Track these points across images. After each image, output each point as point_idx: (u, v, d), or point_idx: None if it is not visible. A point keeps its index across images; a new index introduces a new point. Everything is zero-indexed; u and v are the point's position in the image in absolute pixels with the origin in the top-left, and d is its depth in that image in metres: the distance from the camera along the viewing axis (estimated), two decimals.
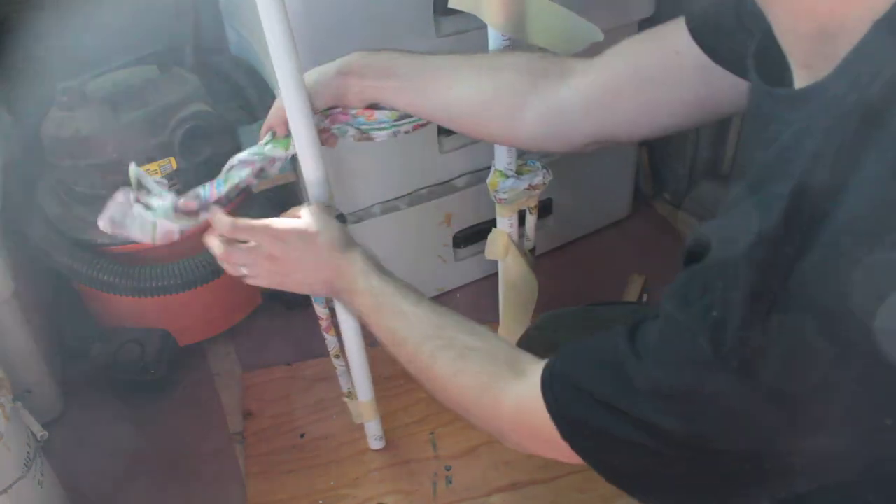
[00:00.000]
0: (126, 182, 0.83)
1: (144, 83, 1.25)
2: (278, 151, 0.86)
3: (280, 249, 0.79)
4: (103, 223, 0.81)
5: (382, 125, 0.87)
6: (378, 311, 0.74)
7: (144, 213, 0.81)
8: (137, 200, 0.81)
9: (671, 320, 0.47)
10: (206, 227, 0.84)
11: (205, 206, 0.84)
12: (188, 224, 0.84)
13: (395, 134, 0.88)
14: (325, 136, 0.89)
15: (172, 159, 1.24)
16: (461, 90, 0.80)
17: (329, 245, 0.78)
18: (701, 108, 0.70)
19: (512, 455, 1.22)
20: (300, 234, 0.79)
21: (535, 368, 0.60)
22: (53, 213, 1.27)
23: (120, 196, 0.81)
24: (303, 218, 0.80)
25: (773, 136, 0.46)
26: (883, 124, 0.39)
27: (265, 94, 1.36)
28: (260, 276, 0.82)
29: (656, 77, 0.70)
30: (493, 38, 0.87)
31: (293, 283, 0.82)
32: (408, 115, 0.86)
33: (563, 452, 0.56)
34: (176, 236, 0.84)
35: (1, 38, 1.38)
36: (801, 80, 0.48)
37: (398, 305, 0.72)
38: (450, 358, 0.66)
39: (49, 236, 1.23)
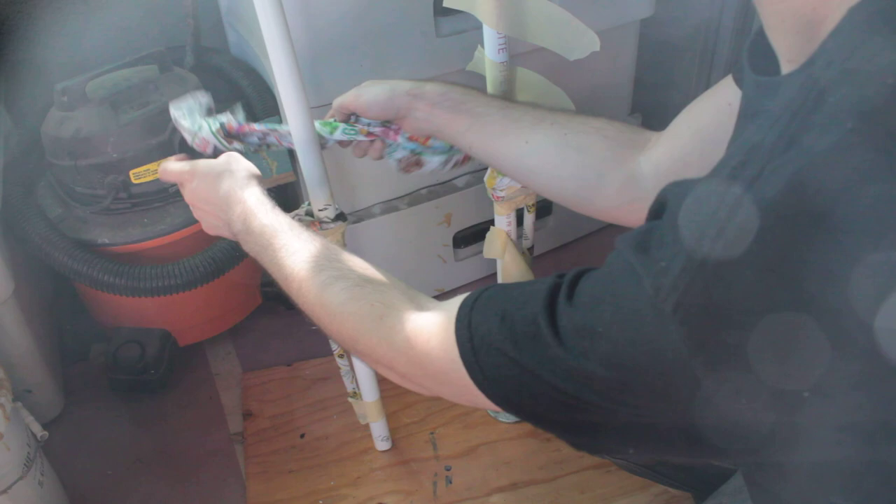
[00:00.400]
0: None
1: (144, 83, 1.25)
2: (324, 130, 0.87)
3: (190, 191, 0.81)
4: (174, 111, 0.87)
5: (436, 150, 0.86)
6: (270, 248, 0.72)
7: (197, 119, 0.86)
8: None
9: (620, 260, 0.47)
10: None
11: (237, 136, 0.87)
12: (221, 147, 0.86)
13: (446, 163, 0.87)
14: (366, 147, 0.88)
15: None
16: (539, 145, 0.78)
17: (227, 185, 0.78)
18: None
19: (512, 455, 1.22)
20: (203, 174, 0.80)
21: (434, 305, 0.60)
22: (53, 213, 1.27)
23: (197, 98, 0.88)
24: (214, 159, 0.82)
25: (753, 126, 0.46)
26: (825, 103, 0.39)
27: (265, 94, 1.36)
28: (200, 220, 0.84)
29: (716, 136, 0.67)
30: (489, 38, 0.87)
31: (210, 225, 0.82)
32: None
33: (454, 387, 0.55)
34: (209, 150, 0.87)
35: (1, 38, 1.38)
36: (786, 70, 0.48)
37: (291, 241, 0.70)
38: (343, 287, 0.64)
39: (49, 236, 1.23)
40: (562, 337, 0.48)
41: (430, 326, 0.58)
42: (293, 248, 0.70)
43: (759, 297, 0.40)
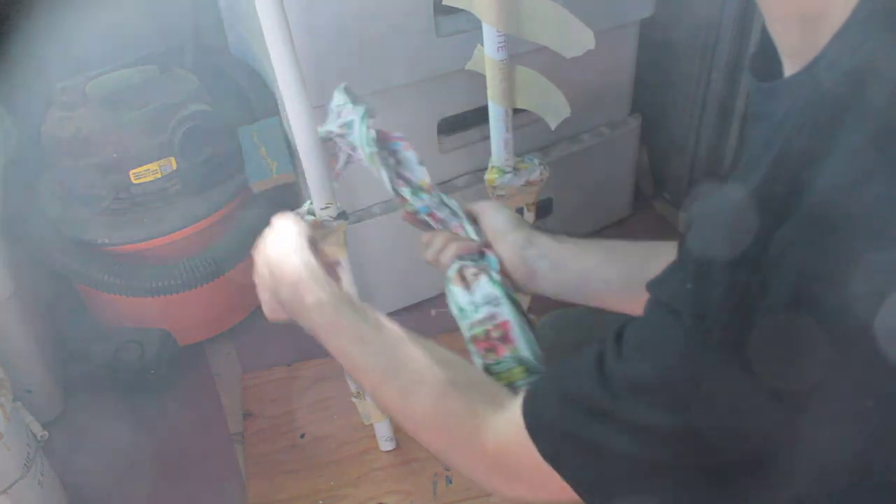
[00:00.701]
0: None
1: (144, 83, 1.25)
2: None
3: (255, 271, 0.74)
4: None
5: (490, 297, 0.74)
6: (333, 332, 0.66)
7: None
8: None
9: (653, 305, 0.46)
10: None
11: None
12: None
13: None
14: (441, 244, 0.78)
15: (172, 159, 1.24)
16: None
17: (276, 257, 0.71)
18: None
19: None
20: (259, 251, 0.73)
21: (513, 400, 0.56)
22: (53, 213, 1.27)
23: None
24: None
25: (760, 131, 0.46)
26: (853, 105, 0.39)
27: (265, 94, 1.36)
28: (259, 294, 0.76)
29: None
30: (489, 36, 0.87)
31: (263, 304, 0.75)
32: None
33: (548, 486, 0.53)
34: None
35: (1, 38, 1.38)
36: (789, 73, 0.48)
37: (356, 329, 0.65)
38: (424, 395, 0.60)
39: (49, 236, 1.23)
40: (617, 398, 0.47)
41: (505, 434, 0.55)
42: (361, 338, 0.65)
43: (761, 296, 0.40)
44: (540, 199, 1.07)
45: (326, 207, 0.91)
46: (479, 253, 0.75)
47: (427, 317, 1.48)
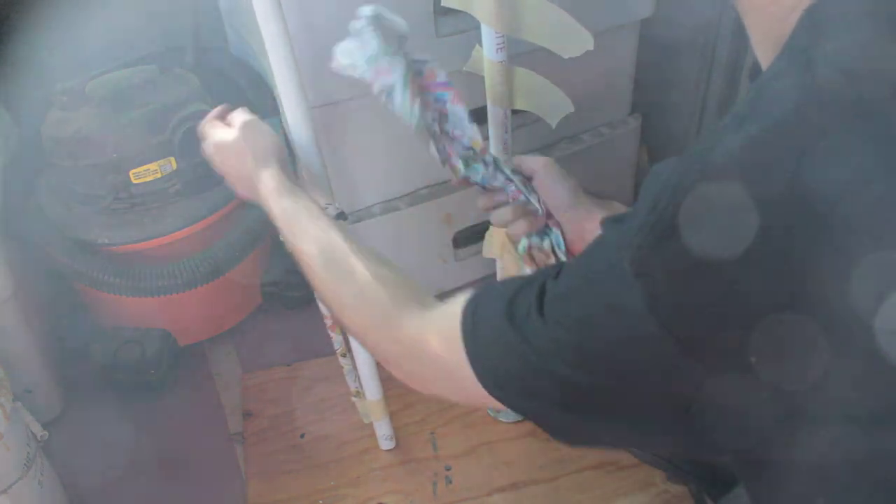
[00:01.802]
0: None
1: (144, 83, 1.25)
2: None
3: (212, 149, 0.84)
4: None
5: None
6: (290, 231, 0.74)
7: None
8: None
9: (598, 236, 0.50)
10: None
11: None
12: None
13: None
14: (517, 212, 0.80)
15: (172, 159, 1.24)
16: None
17: (245, 157, 0.79)
18: None
19: (512, 455, 1.22)
20: (223, 146, 0.82)
21: (437, 304, 0.62)
22: (53, 213, 1.27)
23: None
24: (232, 124, 0.83)
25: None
26: (815, 99, 0.40)
27: (265, 94, 1.36)
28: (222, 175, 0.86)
29: None
30: (487, 37, 0.87)
31: (231, 183, 0.84)
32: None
33: (455, 383, 0.56)
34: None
35: (1, 38, 1.38)
36: None
37: (308, 228, 0.72)
38: (356, 283, 0.66)
39: (49, 236, 1.23)
40: (544, 311, 0.50)
41: (436, 324, 0.59)
42: (310, 236, 0.71)
43: (761, 296, 0.40)
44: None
45: (325, 207, 0.91)
46: (545, 225, 0.77)
47: None
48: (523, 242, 0.78)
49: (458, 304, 0.58)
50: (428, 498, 1.19)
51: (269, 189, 0.76)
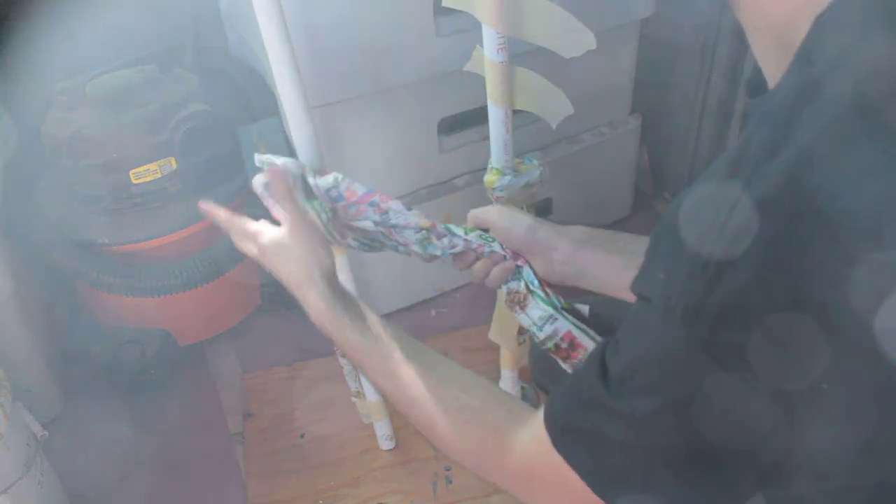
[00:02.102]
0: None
1: (144, 83, 1.25)
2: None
3: (257, 250, 0.76)
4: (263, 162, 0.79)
5: (548, 302, 0.79)
6: (363, 366, 0.70)
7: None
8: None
9: (635, 301, 0.48)
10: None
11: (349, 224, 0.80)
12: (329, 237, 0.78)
13: (546, 319, 0.78)
14: (485, 269, 0.81)
15: (172, 159, 1.24)
16: None
17: (296, 280, 0.74)
18: None
19: None
20: (270, 254, 0.75)
21: (532, 413, 0.59)
22: (53, 213, 1.27)
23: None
24: (278, 231, 0.76)
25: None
26: (815, 98, 0.40)
27: (265, 94, 1.36)
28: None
29: None
30: (488, 37, 0.87)
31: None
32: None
33: (571, 493, 0.54)
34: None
35: (1, 38, 1.38)
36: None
37: (386, 362, 0.68)
38: (445, 425, 0.64)
39: (49, 236, 1.23)
40: (611, 389, 0.49)
41: (530, 447, 0.57)
42: (391, 373, 0.67)
43: (762, 296, 0.40)
44: (540, 199, 1.07)
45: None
46: (516, 268, 0.80)
47: (427, 317, 1.48)
48: (503, 293, 0.81)
49: (539, 424, 0.56)
50: (428, 498, 1.19)
51: (321, 313, 0.72)
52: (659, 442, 0.48)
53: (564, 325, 0.77)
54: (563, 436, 0.53)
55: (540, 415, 0.56)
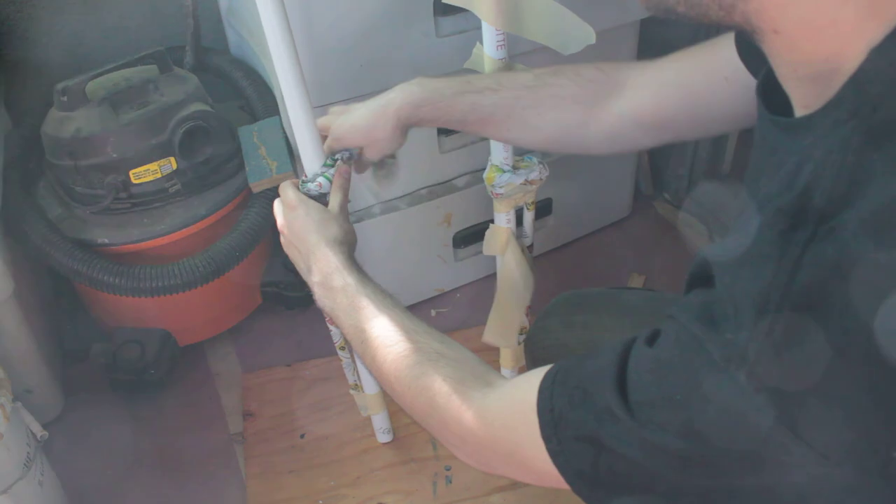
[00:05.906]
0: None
1: (144, 83, 1.25)
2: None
3: (287, 221, 0.82)
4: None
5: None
6: (351, 310, 0.72)
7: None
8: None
9: (683, 332, 0.47)
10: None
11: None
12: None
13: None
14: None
15: (172, 159, 1.24)
16: (526, 133, 0.83)
17: (315, 239, 0.77)
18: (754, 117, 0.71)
19: None
20: (304, 216, 0.80)
21: (501, 381, 0.60)
22: (53, 213, 1.27)
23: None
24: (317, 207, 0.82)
25: (777, 163, 0.47)
26: (886, 143, 0.39)
27: (265, 94, 1.36)
28: (284, 247, 0.84)
29: (709, 102, 0.72)
30: (488, 34, 0.87)
31: (293, 258, 0.82)
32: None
33: (522, 466, 0.55)
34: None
35: (1, 38, 1.38)
36: (800, 113, 0.48)
37: (372, 307, 0.70)
38: (416, 361, 0.65)
39: (49, 236, 1.23)
40: (633, 410, 0.48)
41: (505, 406, 0.58)
42: (375, 315, 0.69)
43: (823, 346, 0.40)
44: (540, 199, 1.07)
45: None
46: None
47: (427, 317, 1.48)
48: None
49: (523, 386, 0.56)
50: (428, 498, 1.19)
51: (334, 263, 0.75)
52: (671, 472, 0.47)
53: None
54: (558, 431, 0.53)
55: (504, 384, 0.58)
